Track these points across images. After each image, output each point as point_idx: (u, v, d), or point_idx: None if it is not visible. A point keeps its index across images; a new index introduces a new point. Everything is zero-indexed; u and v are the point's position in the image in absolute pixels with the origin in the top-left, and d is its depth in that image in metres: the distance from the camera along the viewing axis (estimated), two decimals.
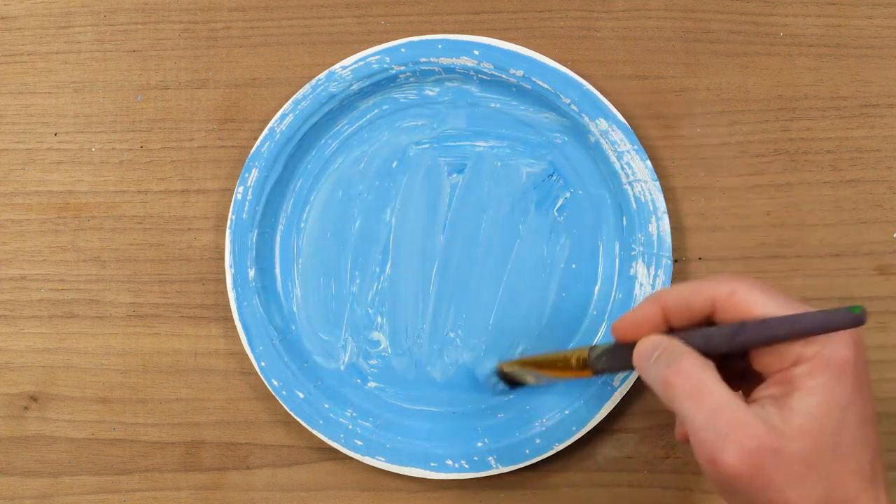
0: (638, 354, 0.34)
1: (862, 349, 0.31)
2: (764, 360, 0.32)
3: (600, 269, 0.47)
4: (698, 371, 0.31)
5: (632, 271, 0.46)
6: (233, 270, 0.46)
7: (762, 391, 0.32)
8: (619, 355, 0.36)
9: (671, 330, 0.34)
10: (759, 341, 0.31)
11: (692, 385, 0.31)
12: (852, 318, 0.29)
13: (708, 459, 0.30)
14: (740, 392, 0.33)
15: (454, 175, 0.48)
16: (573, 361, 0.39)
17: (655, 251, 0.45)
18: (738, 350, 0.32)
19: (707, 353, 0.32)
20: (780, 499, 0.30)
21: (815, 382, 0.30)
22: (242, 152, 0.48)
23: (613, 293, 0.47)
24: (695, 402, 0.31)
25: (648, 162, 0.46)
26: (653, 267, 0.45)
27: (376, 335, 0.47)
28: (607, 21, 0.49)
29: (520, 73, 0.46)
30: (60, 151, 0.49)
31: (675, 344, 0.33)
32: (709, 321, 0.33)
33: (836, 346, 0.30)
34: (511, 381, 0.46)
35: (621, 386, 0.44)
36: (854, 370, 0.30)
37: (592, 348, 0.38)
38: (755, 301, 0.31)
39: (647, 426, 0.46)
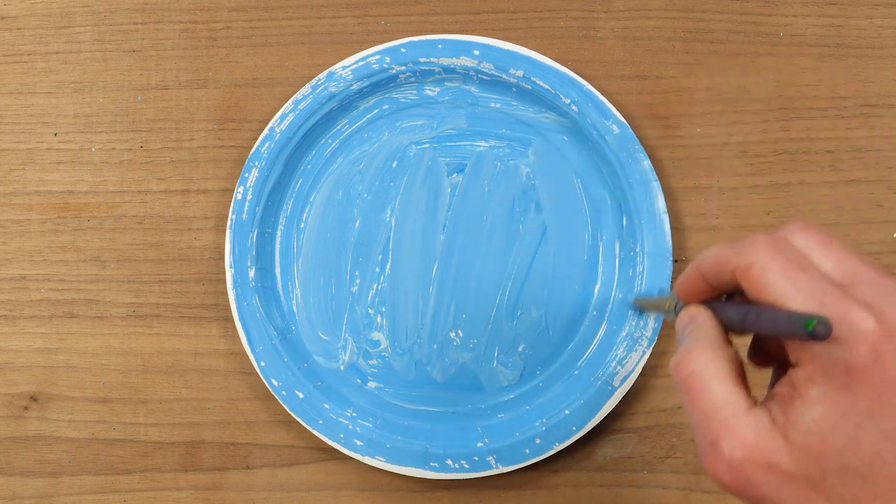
0: (678, 324, 0.33)
1: (886, 356, 0.26)
2: (784, 348, 0.29)
3: (600, 269, 0.47)
4: (703, 363, 0.29)
5: (632, 271, 0.46)
6: (233, 270, 0.46)
7: (779, 386, 0.28)
8: None
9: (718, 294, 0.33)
10: (753, 329, 0.29)
11: (692, 378, 0.29)
12: (805, 332, 0.25)
13: (703, 465, 0.28)
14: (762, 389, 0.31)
15: (454, 175, 0.48)
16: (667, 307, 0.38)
17: (655, 251, 0.45)
18: (748, 333, 0.30)
19: (733, 330, 0.30)
20: None
21: (815, 392, 0.26)
22: (242, 152, 0.48)
23: (613, 293, 0.47)
24: (692, 398, 0.29)
25: (648, 162, 0.46)
26: (653, 267, 0.45)
27: (376, 335, 0.47)
28: (607, 21, 0.49)
29: (520, 73, 0.46)
30: (60, 151, 0.49)
31: (704, 322, 0.31)
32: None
33: (842, 349, 0.26)
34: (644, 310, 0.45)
35: (621, 386, 0.44)
36: (869, 379, 0.26)
37: (676, 303, 0.37)
38: (767, 282, 0.28)
39: (647, 426, 0.46)
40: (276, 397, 0.45)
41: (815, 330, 0.25)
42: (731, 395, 0.28)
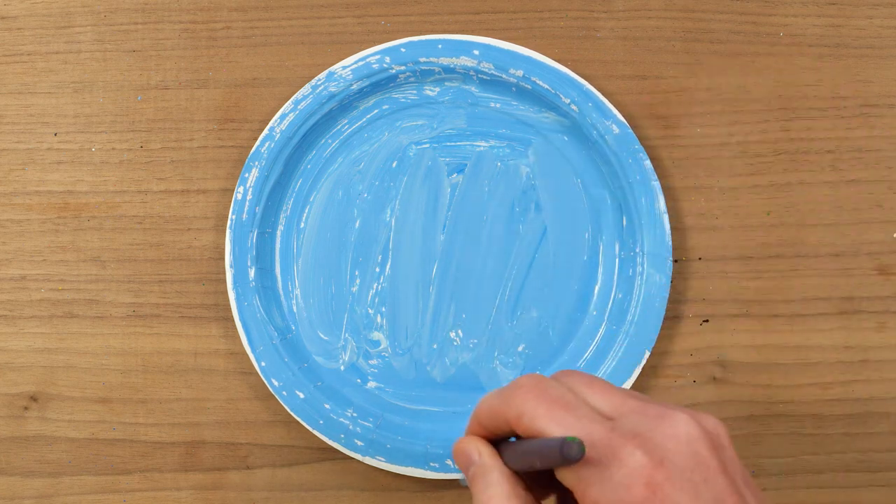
0: (456, 459, 0.32)
1: (665, 486, 0.26)
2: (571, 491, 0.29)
3: (600, 269, 0.47)
4: None
5: (632, 271, 0.46)
6: (233, 270, 0.46)
7: None
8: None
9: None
10: (527, 466, 0.29)
11: None
12: (561, 456, 0.26)
13: None
14: None
15: (454, 175, 0.48)
16: None
17: (655, 251, 0.45)
18: (527, 470, 0.30)
19: (520, 470, 0.30)
20: None
21: None
22: (242, 152, 0.48)
23: (613, 293, 0.47)
24: None
25: (648, 162, 0.46)
26: (653, 267, 0.45)
27: (376, 335, 0.47)
28: (607, 21, 0.49)
29: (520, 73, 0.46)
30: (60, 151, 0.49)
31: (486, 462, 0.31)
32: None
33: (614, 491, 0.26)
34: None
35: (621, 386, 0.44)
36: None
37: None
38: (538, 428, 0.28)
39: None
40: (277, 397, 0.45)
41: (566, 451, 0.25)
42: None
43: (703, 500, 0.26)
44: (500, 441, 0.32)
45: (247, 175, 0.47)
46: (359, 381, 0.47)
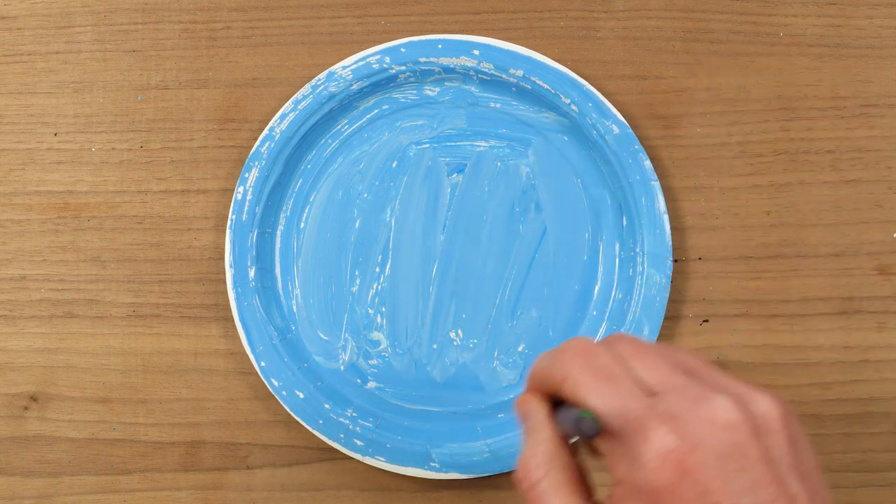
0: (517, 411, 0.32)
1: (691, 469, 0.26)
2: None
3: (600, 269, 0.47)
4: (540, 475, 0.29)
5: (632, 271, 0.46)
6: (233, 270, 0.46)
7: (607, 501, 0.29)
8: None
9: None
10: (569, 433, 0.29)
11: (532, 493, 0.29)
12: (580, 426, 0.26)
13: None
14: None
15: (454, 175, 0.48)
16: None
17: (655, 251, 0.46)
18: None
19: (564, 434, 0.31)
20: None
21: None
22: (242, 152, 0.48)
23: (613, 293, 0.47)
24: (533, 499, 0.29)
25: (648, 162, 0.46)
26: (653, 267, 0.45)
27: (376, 335, 0.47)
28: (607, 21, 0.49)
29: (520, 73, 0.46)
30: (60, 151, 0.49)
31: (539, 419, 0.31)
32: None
33: (642, 470, 0.26)
34: None
35: None
36: (679, 495, 0.26)
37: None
38: (580, 395, 0.29)
39: None
40: (277, 397, 0.45)
41: (580, 426, 0.26)
42: None
43: (735, 489, 0.26)
44: (559, 402, 0.32)
45: (247, 175, 0.47)
46: (359, 381, 0.47)
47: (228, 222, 0.46)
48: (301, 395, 0.45)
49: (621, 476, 0.27)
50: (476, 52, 0.47)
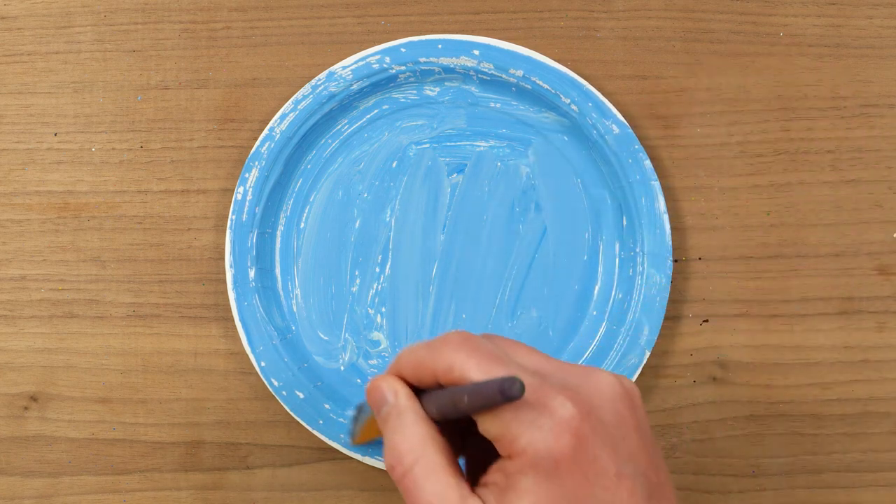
0: (369, 398, 0.32)
1: (590, 437, 0.27)
2: (491, 440, 0.29)
3: (600, 269, 0.47)
4: (413, 460, 0.29)
5: (632, 271, 0.46)
6: (233, 270, 0.46)
7: (492, 474, 0.29)
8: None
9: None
10: (458, 411, 0.28)
11: (407, 479, 0.29)
12: (499, 391, 0.26)
13: None
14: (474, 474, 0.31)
15: (454, 175, 0.48)
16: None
17: (655, 251, 0.46)
18: (452, 417, 0.29)
19: (441, 418, 0.30)
20: None
21: (526, 483, 0.27)
22: (242, 152, 0.48)
23: (613, 293, 0.47)
24: (408, 497, 0.29)
25: (648, 162, 0.46)
26: (653, 267, 0.45)
27: (376, 335, 0.47)
28: (607, 21, 0.49)
29: (520, 73, 0.46)
30: (60, 151, 0.49)
31: (401, 402, 0.30)
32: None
33: (544, 440, 0.27)
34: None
35: None
36: (575, 464, 0.27)
37: (358, 409, 0.36)
38: (470, 380, 0.28)
39: None
40: (277, 397, 0.45)
41: (507, 388, 0.26)
42: (445, 489, 0.28)
43: (620, 455, 0.27)
44: (419, 390, 0.31)
45: (247, 175, 0.47)
46: (359, 381, 0.47)
47: (228, 222, 0.46)
48: (301, 396, 0.45)
49: (521, 447, 0.27)
50: (476, 52, 0.47)
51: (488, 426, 0.28)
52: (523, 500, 0.27)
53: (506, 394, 0.26)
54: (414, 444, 0.29)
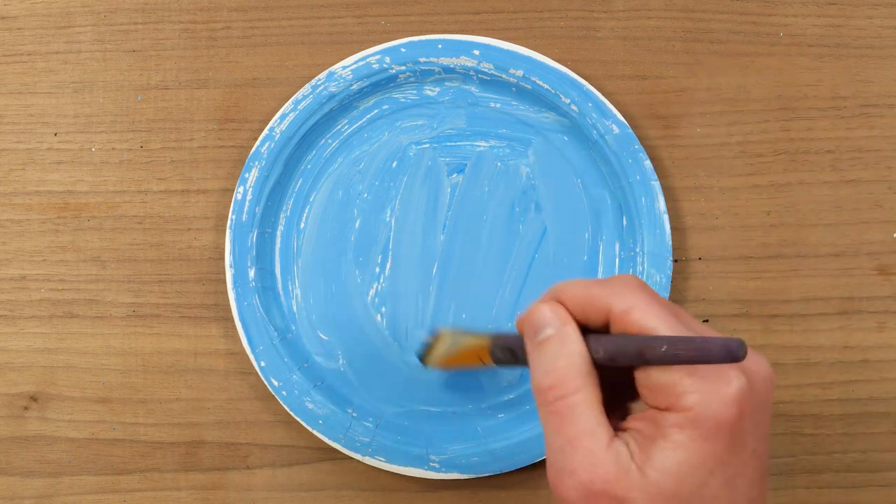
0: (529, 321, 0.31)
1: (748, 413, 0.28)
2: (645, 390, 0.29)
3: (600, 269, 0.47)
4: (575, 389, 0.29)
5: (632, 271, 0.46)
6: (233, 270, 0.46)
7: (635, 421, 0.29)
8: (519, 347, 0.33)
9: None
10: (647, 360, 0.28)
11: (562, 403, 0.29)
12: (725, 350, 0.26)
13: (552, 484, 0.29)
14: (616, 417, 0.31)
15: (454, 175, 0.48)
16: (479, 352, 0.37)
17: (655, 251, 0.46)
18: (628, 365, 0.29)
19: (599, 359, 0.30)
20: None
21: (681, 437, 0.28)
22: (242, 152, 0.48)
23: None
24: (559, 423, 0.29)
25: (648, 162, 0.46)
26: (653, 267, 0.45)
27: None
28: (607, 21, 0.49)
29: (520, 73, 0.46)
30: (60, 151, 0.49)
31: (568, 331, 0.30)
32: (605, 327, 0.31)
33: (718, 405, 0.27)
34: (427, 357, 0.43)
35: None
36: (731, 433, 0.28)
37: (496, 337, 0.36)
38: (650, 326, 0.29)
39: None
40: (276, 397, 0.45)
41: (733, 349, 0.26)
42: (596, 426, 0.29)
43: (758, 435, 0.29)
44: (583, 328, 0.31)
45: (247, 175, 0.47)
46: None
47: (228, 222, 0.46)
48: (301, 395, 0.45)
49: (685, 405, 0.28)
50: (476, 52, 0.47)
51: (658, 376, 0.28)
52: (676, 451, 0.28)
53: (733, 354, 0.26)
54: (580, 372, 0.29)
